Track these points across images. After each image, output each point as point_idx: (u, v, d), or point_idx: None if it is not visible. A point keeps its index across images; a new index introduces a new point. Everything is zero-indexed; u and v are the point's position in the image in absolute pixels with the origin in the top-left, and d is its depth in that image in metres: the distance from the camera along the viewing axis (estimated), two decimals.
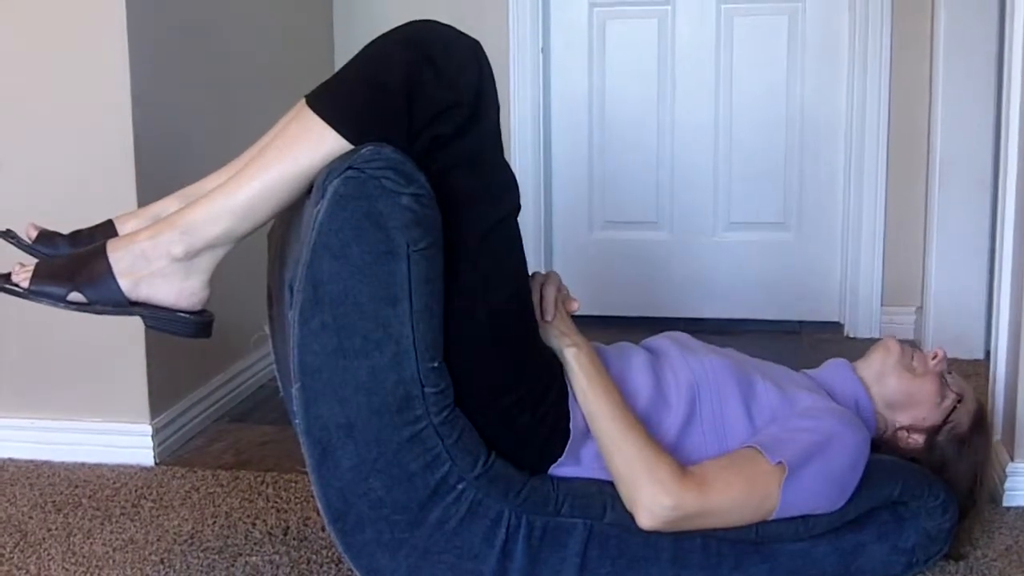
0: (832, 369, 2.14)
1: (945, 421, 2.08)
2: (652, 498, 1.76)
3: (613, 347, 2.02)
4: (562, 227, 4.04)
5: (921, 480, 2.00)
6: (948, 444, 2.08)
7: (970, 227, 3.48)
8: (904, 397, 2.08)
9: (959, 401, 2.09)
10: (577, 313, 1.96)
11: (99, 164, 2.58)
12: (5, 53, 2.60)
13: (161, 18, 2.69)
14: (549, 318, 1.88)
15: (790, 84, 3.84)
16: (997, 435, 2.49)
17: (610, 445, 1.81)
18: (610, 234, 4.02)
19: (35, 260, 1.80)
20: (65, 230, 1.91)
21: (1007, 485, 2.36)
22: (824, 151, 3.85)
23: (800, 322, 3.93)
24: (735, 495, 1.80)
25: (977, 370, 3.21)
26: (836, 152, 3.84)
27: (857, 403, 2.07)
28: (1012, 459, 2.37)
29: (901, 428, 2.09)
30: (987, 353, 2.63)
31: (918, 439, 2.09)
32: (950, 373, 2.14)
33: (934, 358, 2.11)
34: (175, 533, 2.27)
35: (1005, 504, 2.36)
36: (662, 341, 2.07)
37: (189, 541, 2.23)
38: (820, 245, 3.90)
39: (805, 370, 2.15)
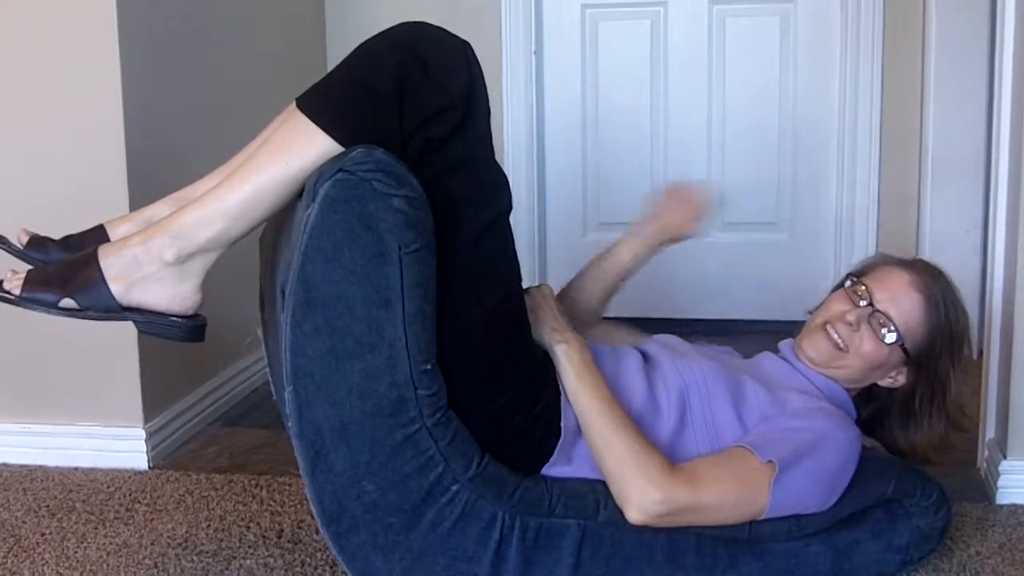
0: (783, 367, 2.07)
1: (907, 353, 1.98)
2: (641, 493, 1.76)
3: (609, 348, 2.02)
4: (556, 229, 4.04)
5: (914, 478, 2.01)
6: (937, 348, 1.98)
7: (963, 225, 3.48)
8: (861, 374, 2.01)
9: (901, 343, 1.96)
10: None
11: (90, 169, 2.58)
12: None
13: (152, 22, 2.69)
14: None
15: (782, 84, 3.84)
16: (991, 433, 2.50)
17: (599, 441, 1.81)
18: (604, 236, 3.98)
19: (27, 266, 1.80)
20: (57, 235, 1.91)
21: (1000, 483, 2.37)
22: (817, 151, 3.85)
23: (794, 322, 3.92)
24: (724, 491, 1.80)
25: (970, 369, 3.20)
26: (829, 151, 3.84)
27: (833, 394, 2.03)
28: (1005, 457, 2.37)
29: (875, 385, 2.05)
30: (980, 352, 2.63)
31: (898, 378, 2.02)
32: (862, 299, 1.98)
33: (846, 323, 1.97)
34: (169, 537, 2.27)
35: (998, 502, 2.36)
36: (654, 347, 2.07)
37: (183, 545, 2.23)
38: (814, 245, 3.90)
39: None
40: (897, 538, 2.00)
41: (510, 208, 1.77)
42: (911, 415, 2.04)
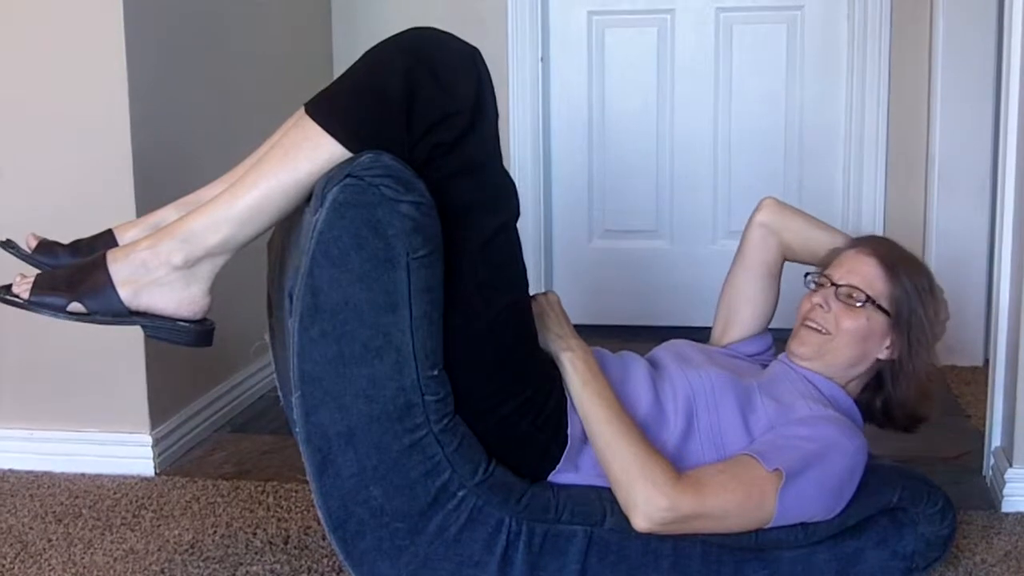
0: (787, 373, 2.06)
1: (886, 311, 1.98)
2: (647, 500, 1.76)
3: (616, 355, 2.02)
4: (562, 236, 4.05)
5: (920, 486, 2.00)
6: (915, 306, 1.99)
7: (969, 233, 3.48)
8: (855, 351, 2.01)
9: (875, 303, 1.97)
10: (577, 322, 1.97)
11: (98, 173, 2.58)
12: (4, 64, 2.61)
13: (159, 27, 2.69)
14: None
15: (789, 92, 3.85)
16: (997, 441, 2.50)
17: (605, 448, 1.81)
18: (610, 243, 4.02)
19: (36, 271, 1.81)
20: (65, 240, 1.91)
21: (1006, 491, 2.37)
22: (823, 158, 3.86)
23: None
24: (730, 499, 1.80)
25: (976, 377, 3.21)
26: (835, 159, 3.85)
27: (836, 398, 2.02)
28: (1011, 465, 2.37)
29: (879, 365, 2.04)
30: (986, 360, 2.62)
31: (891, 350, 2.01)
32: (825, 285, 2.01)
33: (815, 307, 2.01)
34: (176, 543, 2.27)
35: (1004, 510, 2.36)
36: (663, 354, 2.08)
37: (190, 551, 2.23)
38: None
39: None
40: (902, 546, 2.00)
41: (518, 214, 1.78)
42: (900, 374, 2.03)
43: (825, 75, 3.82)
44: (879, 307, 1.98)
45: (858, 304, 1.97)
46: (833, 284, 2.00)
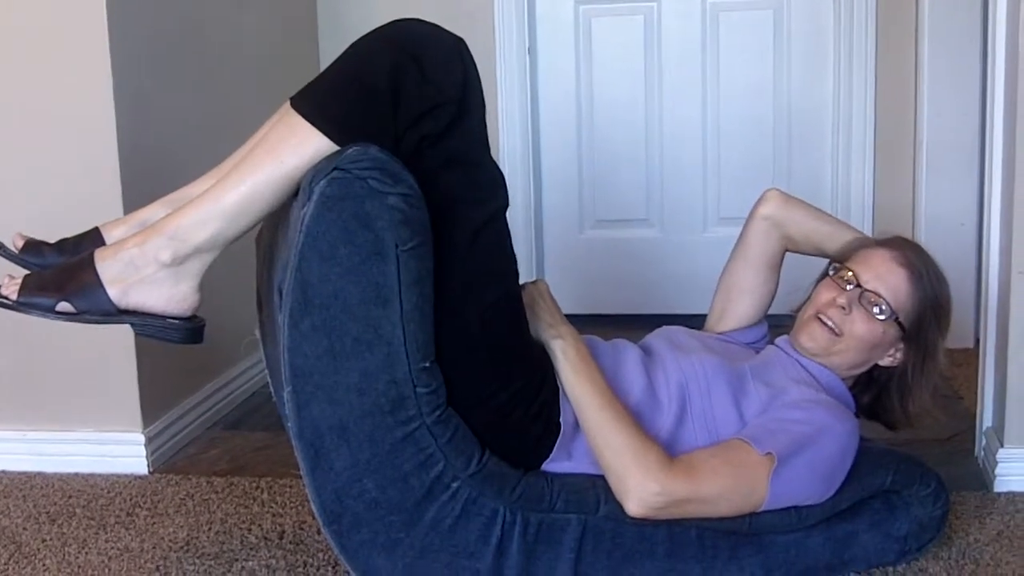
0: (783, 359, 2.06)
1: (903, 327, 1.98)
2: (640, 485, 1.76)
3: (608, 343, 2.02)
4: (552, 227, 4.05)
5: (913, 469, 2.01)
6: (930, 323, 2.00)
7: (958, 216, 3.49)
8: (861, 356, 2.01)
9: (895, 318, 1.96)
10: (570, 312, 1.97)
11: (85, 171, 2.57)
12: None
13: (144, 24, 2.69)
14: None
15: (776, 78, 3.84)
16: (988, 421, 2.50)
17: (597, 435, 1.82)
18: (601, 233, 4.02)
19: (24, 271, 1.80)
20: (52, 239, 1.91)
21: (998, 471, 2.37)
22: (811, 145, 3.86)
23: (792, 316, 3.92)
24: (723, 483, 1.80)
25: (967, 359, 3.21)
26: (823, 145, 3.85)
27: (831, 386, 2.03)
28: (1002, 445, 2.38)
29: (876, 367, 2.05)
30: (977, 342, 2.63)
31: (896, 355, 2.02)
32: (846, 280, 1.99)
33: (837, 306, 1.98)
34: (171, 540, 2.27)
35: (996, 490, 2.37)
36: (655, 340, 2.08)
37: (185, 548, 2.23)
38: None
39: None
40: (896, 528, 2.01)
41: (506, 205, 1.78)
42: (906, 388, 2.04)
43: (812, 61, 3.81)
44: (898, 322, 1.97)
45: (880, 317, 1.96)
46: (859, 286, 1.98)
